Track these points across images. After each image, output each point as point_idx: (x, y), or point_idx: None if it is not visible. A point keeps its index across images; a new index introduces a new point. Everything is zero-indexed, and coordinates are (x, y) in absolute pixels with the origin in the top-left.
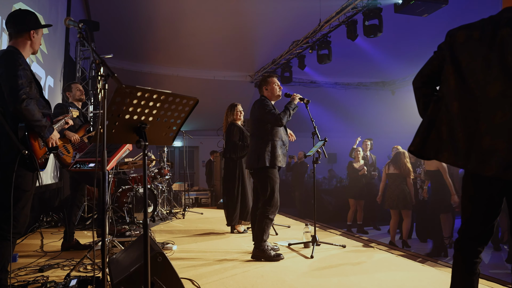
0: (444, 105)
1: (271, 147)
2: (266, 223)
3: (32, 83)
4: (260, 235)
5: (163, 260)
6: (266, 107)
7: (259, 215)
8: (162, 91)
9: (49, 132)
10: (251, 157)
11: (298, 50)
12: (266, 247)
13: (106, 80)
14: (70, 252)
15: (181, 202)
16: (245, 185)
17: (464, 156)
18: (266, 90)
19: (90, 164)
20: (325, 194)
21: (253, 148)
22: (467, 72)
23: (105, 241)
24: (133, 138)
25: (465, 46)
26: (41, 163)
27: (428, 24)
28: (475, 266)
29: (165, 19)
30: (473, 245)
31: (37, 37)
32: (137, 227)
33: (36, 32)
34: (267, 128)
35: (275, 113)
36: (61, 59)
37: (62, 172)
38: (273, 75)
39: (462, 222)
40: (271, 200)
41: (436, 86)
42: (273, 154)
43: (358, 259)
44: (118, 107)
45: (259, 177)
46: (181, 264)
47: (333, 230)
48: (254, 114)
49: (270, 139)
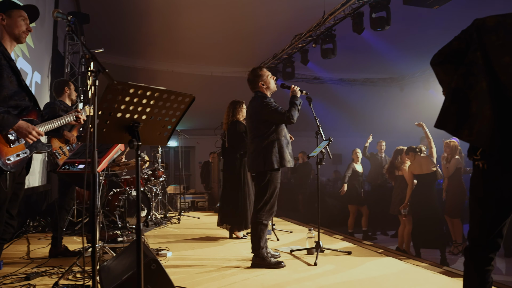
0: (474, 79)
1: (278, 147)
2: (261, 229)
3: (3, 71)
4: (257, 243)
5: (157, 267)
6: (269, 106)
7: (252, 222)
8: (156, 88)
9: (8, 124)
10: (255, 159)
11: (300, 44)
12: (266, 254)
13: (97, 76)
14: (59, 259)
15: (176, 205)
16: (250, 187)
17: (488, 136)
18: (262, 84)
19: (80, 165)
20: (330, 197)
21: (257, 149)
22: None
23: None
24: (125, 138)
25: (495, 29)
26: (14, 162)
27: (438, 17)
28: (488, 275)
29: (160, 11)
30: (485, 252)
31: (10, 21)
32: (129, 233)
33: (7, 14)
34: (271, 127)
35: (282, 111)
36: (48, 53)
37: (50, 174)
38: (261, 66)
39: (471, 228)
40: (267, 205)
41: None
42: (281, 155)
43: (364, 266)
44: (109, 104)
45: (261, 180)
46: (177, 272)
47: (338, 236)
48: (254, 114)
49: (276, 138)
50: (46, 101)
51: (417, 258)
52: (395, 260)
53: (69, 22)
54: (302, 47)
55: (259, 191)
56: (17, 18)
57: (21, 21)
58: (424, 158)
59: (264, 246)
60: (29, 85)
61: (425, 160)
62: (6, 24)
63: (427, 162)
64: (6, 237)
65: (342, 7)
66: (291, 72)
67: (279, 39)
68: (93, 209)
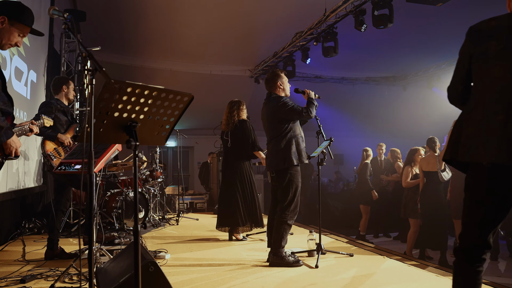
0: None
1: (295, 144)
2: (284, 228)
3: None
4: (278, 241)
5: (155, 270)
6: (287, 104)
7: (277, 220)
8: (154, 87)
9: (6, 136)
10: (274, 158)
11: (301, 42)
12: (284, 254)
13: (94, 75)
14: (55, 261)
15: (175, 207)
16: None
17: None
18: (280, 85)
19: (76, 165)
20: (331, 198)
21: (275, 148)
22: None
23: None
24: (122, 138)
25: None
26: None
27: (442, 15)
28: (481, 275)
29: (158, 8)
30: (478, 253)
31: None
32: (127, 234)
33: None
34: (287, 125)
35: (299, 108)
36: (44, 52)
37: (46, 174)
38: (281, 70)
39: (464, 228)
40: (291, 204)
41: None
42: (299, 151)
43: (367, 269)
44: (106, 104)
45: (282, 179)
46: (175, 275)
47: (340, 238)
48: (271, 114)
49: (293, 136)
50: (42, 100)
51: (419, 261)
52: (398, 263)
53: (66, 19)
54: (303, 45)
55: (283, 191)
56: (17, 31)
57: (17, 36)
58: (433, 157)
59: (283, 246)
60: (25, 84)
61: (433, 159)
62: (1, 28)
63: (434, 161)
64: None
65: (344, 5)
66: (292, 70)
67: (280, 37)
68: (90, 210)
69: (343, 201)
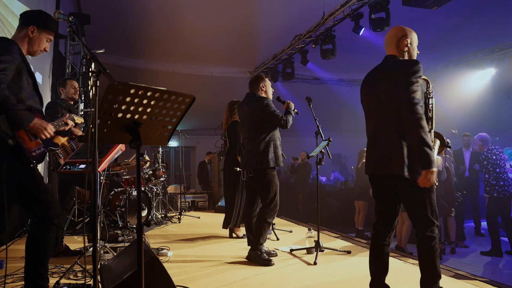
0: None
1: (273, 147)
2: (264, 226)
3: (23, 74)
4: (257, 238)
5: (157, 266)
6: (269, 106)
7: (258, 218)
8: (156, 88)
9: (27, 120)
10: (252, 158)
11: (300, 44)
12: (259, 252)
13: (98, 77)
14: (60, 258)
15: (177, 205)
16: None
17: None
18: (262, 87)
19: (81, 165)
20: (329, 197)
21: (254, 149)
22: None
23: (97, 246)
24: (126, 138)
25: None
26: (36, 156)
27: (437, 18)
28: (385, 248)
29: (160, 12)
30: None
31: (37, 36)
32: (130, 232)
33: (38, 31)
34: (267, 128)
35: (279, 115)
36: (50, 54)
37: (51, 173)
38: (266, 75)
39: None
40: (272, 203)
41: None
42: (276, 154)
43: (364, 265)
44: (110, 105)
45: (261, 179)
46: (177, 271)
47: (338, 235)
48: (252, 113)
49: (272, 139)
50: (48, 101)
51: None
52: (393, 259)
53: (70, 23)
54: (301, 47)
55: (263, 191)
56: (45, 38)
57: (45, 42)
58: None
59: (262, 243)
60: None
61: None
62: (32, 36)
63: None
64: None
65: (342, 8)
66: (291, 72)
67: (279, 39)
68: (94, 208)
69: (341, 200)
